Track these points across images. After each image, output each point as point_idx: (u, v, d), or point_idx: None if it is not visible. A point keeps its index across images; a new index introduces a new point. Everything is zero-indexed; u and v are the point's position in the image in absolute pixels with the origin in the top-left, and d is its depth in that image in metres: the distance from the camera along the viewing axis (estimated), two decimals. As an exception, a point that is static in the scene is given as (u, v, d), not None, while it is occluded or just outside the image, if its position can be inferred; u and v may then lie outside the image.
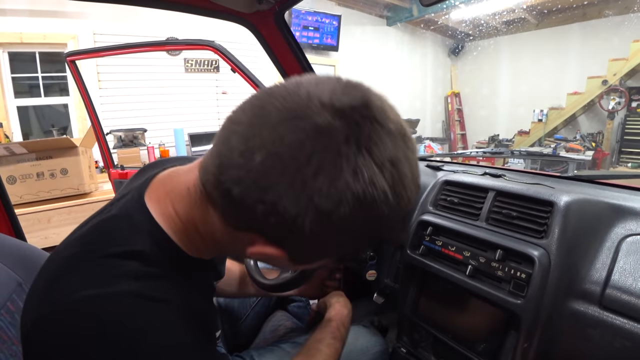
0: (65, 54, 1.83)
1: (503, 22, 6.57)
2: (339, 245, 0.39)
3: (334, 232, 0.36)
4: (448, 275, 0.75)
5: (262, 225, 0.36)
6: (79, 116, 3.30)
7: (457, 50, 7.43)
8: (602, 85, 5.35)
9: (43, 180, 2.28)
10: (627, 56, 5.12)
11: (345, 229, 0.35)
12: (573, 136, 5.86)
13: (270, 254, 0.38)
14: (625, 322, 0.59)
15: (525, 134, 6.22)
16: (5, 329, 0.53)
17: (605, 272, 0.65)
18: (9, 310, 0.55)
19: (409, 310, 0.86)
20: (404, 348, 0.87)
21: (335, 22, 4.87)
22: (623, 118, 5.35)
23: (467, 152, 1.34)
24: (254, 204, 0.34)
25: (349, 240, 0.38)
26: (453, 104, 7.39)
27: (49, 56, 3.23)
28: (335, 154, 0.33)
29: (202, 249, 0.45)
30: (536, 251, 0.64)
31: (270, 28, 1.02)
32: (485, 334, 0.71)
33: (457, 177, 0.87)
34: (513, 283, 0.66)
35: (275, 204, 0.33)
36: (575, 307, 0.64)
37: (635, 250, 0.66)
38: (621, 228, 0.71)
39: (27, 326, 0.37)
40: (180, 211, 0.43)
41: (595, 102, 5.53)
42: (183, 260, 0.44)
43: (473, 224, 0.77)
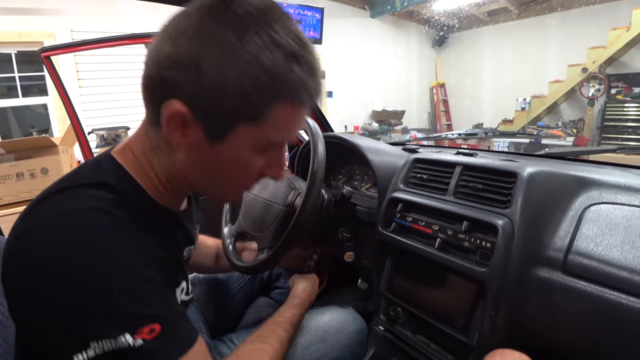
0: (39, 49, 1.79)
1: (486, 12, 6.63)
2: (243, 95, 0.40)
3: (234, 81, 0.40)
4: (419, 249, 0.77)
5: (174, 84, 0.41)
6: (60, 116, 3.25)
7: (441, 42, 7.48)
8: (582, 73, 5.45)
9: (23, 180, 2.23)
10: (605, 44, 5.23)
11: (243, 74, 0.40)
12: (555, 123, 5.97)
13: (181, 111, 0.41)
14: (587, 285, 0.61)
15: (509, 122, 6.31)
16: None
17: (568, 239, 0.67)
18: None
19: (384, 289, 0.87)
20: (382, 326, 0.88)
21: (318, 14, 4.86)
22: (603, 105, 5.46)
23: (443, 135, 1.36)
24: (168, 67, 0.41)
25: (251, 89, 0.40)
26: (438, 94, 7.45)
27: (26, 56, 3.16)
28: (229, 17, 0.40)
29: (157, 183, 0.51)
30: (500, 220, 0.66)
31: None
32: (458, 307, 0.73)
33: (426, 155, 0.88)
34: (479, 253, 0.67)
35: (180, 55, 0.40)
36: (539, 274, 0.66)
37: (597, 217, 0.68)
38: (585, 198, 0.74)
39: (6, 251, 0.42)
40: (135, 149, 0.50)
41: (576, 89, 5.63)
42: (146, 200, 0.50)
43: (441, 198, 0.78)
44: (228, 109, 0.42)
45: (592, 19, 5.53)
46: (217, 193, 0.55)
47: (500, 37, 6.82)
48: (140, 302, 0.41)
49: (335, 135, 1.10)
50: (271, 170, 0.51)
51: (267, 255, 0.77)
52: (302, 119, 0.47)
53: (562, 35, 5.98)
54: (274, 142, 0.47)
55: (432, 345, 0.79)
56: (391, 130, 6.13)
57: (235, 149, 0.45)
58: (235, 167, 0.48)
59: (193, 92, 0.41)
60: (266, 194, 0.88)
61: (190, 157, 0.47)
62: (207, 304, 0.98)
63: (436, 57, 7.66)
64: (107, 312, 0.39)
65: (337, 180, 1.24)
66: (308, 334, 0.77)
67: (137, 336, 0.39)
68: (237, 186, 0.53)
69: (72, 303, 0.38)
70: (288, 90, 0.42)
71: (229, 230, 0.93)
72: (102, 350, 0.37)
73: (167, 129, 0.44)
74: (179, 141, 0.45)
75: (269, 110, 0.42)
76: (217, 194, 0.56)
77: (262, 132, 0.44)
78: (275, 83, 0.41)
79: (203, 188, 0.55)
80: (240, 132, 0.43)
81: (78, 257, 0.39)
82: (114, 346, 0.38)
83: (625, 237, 0.62)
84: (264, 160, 0.49)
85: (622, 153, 1.29)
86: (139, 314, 0.40)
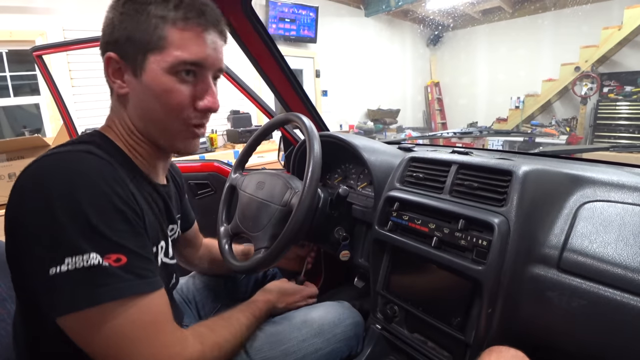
0: (31, 48, 1.77)
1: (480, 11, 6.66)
2: (143, 30, 0.53)
3: (135, 25, 0.53)
4: (415, 248, 0.77)
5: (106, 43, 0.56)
6: (52, 116, 3.21)
7: (436, 41, 7.50)
8: (574, 72, 5.50)
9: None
10: (597, 43, 5.28)
11: (137, 18, 0.53)
12: (549, 122, 6.02)
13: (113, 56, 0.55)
14: (581, 282, 0.62)
15: (503, 121, 6.36)
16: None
17: (563, 237, 0.67)
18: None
19: (380, 287, 0.87)
20: (378, 324, 0.88)
21: (313, 13, 4.85)
22: (595, 103, 5.52)
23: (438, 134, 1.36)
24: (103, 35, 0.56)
25: (147, 24, 0.53)
26: (433, 93, 7.48)
27: (18, 55, 3.12)
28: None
29: (127, 144, 0.60)
30: (496, 218, 0.66)
31: (238, 16, 1.01)
32: (454, 305, 0.73)
33: (422, 153, 0.88)
34: (475, 251, 0.68)
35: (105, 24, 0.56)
36: (535, 272, 0.66)
37: (591, 215, 0.69)
38: (580, 196, 0.74)
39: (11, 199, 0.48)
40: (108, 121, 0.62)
41: (569, 88, 5.68)
42: (128, 162, 0.59)
43: (437, 197, 0.78)
44: (139, 46, 0.54)
45: (584, 18, 5.58)
46: (166, 135, 0.60)
47: (494, 36, 6.86)
48: (112, 229, 0.47)
49: (331, 134, 1.10)
50: (203, 101, 0.58)
51: (264, 255, 0.76)
52: (199, 35, 0.55)
53: (555, 34, 6.04)
54: (182, 59, 0.54)
55: (428, 343, 0.79)
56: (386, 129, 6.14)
57: (154, 76, 0.55)
58: (163, 94, 0.55)
59: (115, 42, 0.55)
60: (262, 193, 0.88)
61: (132, 103, 0.58)
62: (203, 304, 0.98)
63: (431, 56, 7.69)
64: (83, 231, 0.45)
65: (333, 179, 1.24)
66: (304, 328, 0.78)
67: (106, 260, 0.45)
68: (174, 117, 0.58)
69: (54, 219, 0.44)
70: (174, 16, 0.53)
71: (224, 230, 0.92)
72: (74, 266, 0.44)
73: (111, 80, 0.57)
74: (122, 90, 0.57)
75: (165, 35, 0.53)
76: (167, 136, 0.60)
77: (168, 54, 0.54)
78: (162, 15, 0.53)
79: (152, 134, 0.60)
80: (152, 61, 0.54)
81: (65, 180, 0.46)
82: (84, 264, 0.44)
83: (619, 235, 0.63)
84: (190, 89, 0.57)
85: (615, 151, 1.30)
86: (110, 239, 0.46)
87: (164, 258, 0.65)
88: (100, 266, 0.45)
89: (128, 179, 0.54)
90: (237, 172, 1.00)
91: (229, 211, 0.98)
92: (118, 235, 0.48)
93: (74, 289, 0.44)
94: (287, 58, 1.17)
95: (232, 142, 4.03)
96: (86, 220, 0.45)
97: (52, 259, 0.44)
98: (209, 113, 0.61)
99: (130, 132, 0.60)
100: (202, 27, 0.55)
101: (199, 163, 1.60)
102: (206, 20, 0.55)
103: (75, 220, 0.45)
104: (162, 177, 0.69)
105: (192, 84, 0.57)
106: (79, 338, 0.47)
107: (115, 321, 0.46)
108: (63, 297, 0.44)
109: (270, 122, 0.95)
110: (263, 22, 1.08)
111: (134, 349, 0.48)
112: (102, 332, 0.46)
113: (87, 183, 0.47)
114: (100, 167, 0.50)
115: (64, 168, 0.48)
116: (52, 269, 0.43)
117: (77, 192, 0.46)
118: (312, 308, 0.85)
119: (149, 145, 0.62)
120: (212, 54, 0.57)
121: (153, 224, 0.60)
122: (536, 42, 6.30)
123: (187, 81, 0.56)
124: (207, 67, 0.57)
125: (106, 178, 0.49)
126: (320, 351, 0.76)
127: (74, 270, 0.44)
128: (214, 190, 1.55)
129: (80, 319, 0.45)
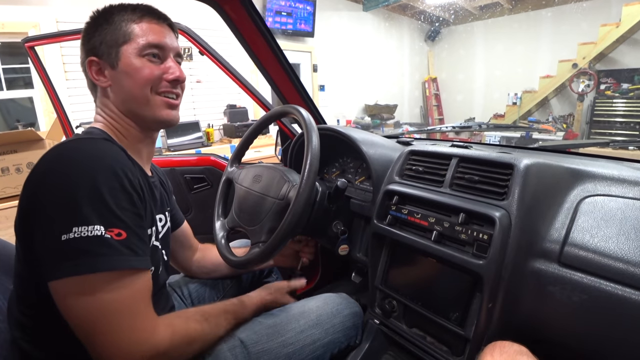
0: (23, 40, 1.73)
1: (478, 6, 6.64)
2: (115, 32, 0.66)
3: (108, 30, 0.66)
4: (414, 242, 0.76)
5: (87, 51, 0.68)
6: (46, 109, 3.16)
7: (433, 36, 7.48)
8: (572, 69, 5.50)
9: (9, 175, 2.18)
10: (595, 40, 5.27)
11: (110, 22, 0.67)
12: (546, 118, 6.02)
13: (94, 59, 0.67)
14: (582, 276, 0.61)
15: (500, 117, 6.36)
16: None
17: (564, 231, 0.67)
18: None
19: (379, 281, 0.87)
20: (377, 319, 0.88)
21: (310, 7, 4.81)
22: (592, 100, 5.52)
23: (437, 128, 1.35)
24: (82, 45, 0.69)
25: (118, 27, 0.66)
26: (430, 89, 7.47)
27: (10, 47, 3.06)
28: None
29: (117, 126, 0.69)
30: (497, 212, 0.66)
31: (234, 6, 0.99)
32: (454, 299, 0.73)
33: (422, 147, 0.87)
34: (476, 245, 0.67)
35: (84, 34, 0.69)
36: (536, 266, 0.66)
37: (592, 209, 0.68)
38: (580, 190, 0.74)
39: (28, 181, 0.56)
40: (96, 116, 0.71)
41: (566, 85, 5.69)
42: (124, 153, 0.65)
43: (437, 190, 0.77)
44: (112, 44, 0.66)
45: (582, 15, 5.58)
46: (145, 108, 0.68)
47: (492, 31, 6.84)
48: (119, 207, 0.54)
49: (329, 127, 1.09)
50: (169, 74, 0.69)
51: (261, 249, 0.75)
52: (154, 27, 0.69)
53: (553, 30, 6.03)
54: (147, 42, 0.67)
55: (427, 338, 0.79)
56: (383, 124, 6.13)
57: (127, 62, 0.66)
58: (136, 72, 0.66)
59: (92, 47, 0.67)
60: (259, 186, 0.86)
61: (114, 91, 0.68)
62: (199, 300, 0.97)
63: (428, 52, 7.66)
64: (94, 204, 0.52)
65: (331, 173, 1.22)
66: (302, 319, 0.77)
67: (108, 232, 0.52)
68: (149, 89, 0.68)
69: (71, 193, 0.51)
70: (133, 17, 0.68)
71: (221, 224, 0.91)
72: (79, 234, 0.50)
73: (94, 79, 0.68)
74: (104, 84, 0.68)
75: (130, 31, 0.67)
76: (147, 109, 0.69)
77: (136, 42, 0.66)
78: (125, 18, 0.67)
79: (135, 110, 0.69)
80: (124, 50, 0.66)
81: (85, 162, 0.54)
82: (89, 233, 0.50)
83: (620, 229, 0.62)
84: (158, 67, 0.68)
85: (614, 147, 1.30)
86: (116, 215, 0.53)
87: (155, 241, 0.70)
88: (102, 237, 0.51)
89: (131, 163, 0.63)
90: (234, 166, 0.98)
91: (225, 205, 0.96)
92: (123, 213, 0.54)
93: (77, 255, 0.50)
94: (284, 52, 1.15)
95: (229, 136, 4.00)
96: (99, 196, 0.52)
97: (63, 226, 0.50)
98: (178, 83, 0.71)
99: (117, 117, 0.69)
100: (155, 21, 0.69)
101: (195, 157, 1.58)
102: (157, 16, 0.70)
103: (90, 195, 0.52)
104: (147, 168, 0.76)
105: (159, 64, 0.69)
106: (63, 303, 0.52)
107: (102, 292, 0.51)
108: (66, 261, 0.50)
109: (267, 115, 0.93)
110: (260, 14, 1.05)
111: (107, 325, 0.52)
112: (86, 301, 0.51)
113: (104, 165, 0.55)
114: (116, 153, 0.59)
115: (85, 151, 0.56)
116: (62, 235, 0.50)
117: (95, 172, 0.53)
118: (310, 299, 0.84)
119: (134, 128, 0.71)
120: (168, 40, 0.70)
121: (149, 209, 0.67)
122: (534, 39, 6.29)
123: (155, 62, 0.68)
124: (167, 49, 0.70)
125: (120, 162, 0.58)
126: (318, 342, 0.75)
127: (79, 238, 0.50)
128: (210, 185, 1.53)
129: (72, 284, 0.51)
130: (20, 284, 0.60)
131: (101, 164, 0.55)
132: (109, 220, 0.52)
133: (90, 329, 0.52)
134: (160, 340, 0.55)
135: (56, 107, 1.91)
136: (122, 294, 0.53)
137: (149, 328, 0.55)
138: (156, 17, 0.70)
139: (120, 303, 0.53)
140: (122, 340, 0.52)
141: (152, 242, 0.68)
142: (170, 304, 0.81)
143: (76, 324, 0.52)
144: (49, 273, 0.51)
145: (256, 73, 4.14)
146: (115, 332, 0.52)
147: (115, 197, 0.54)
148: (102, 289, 0.51)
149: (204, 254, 0.99)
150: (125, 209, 0.55)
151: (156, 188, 0.75)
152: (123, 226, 0.54)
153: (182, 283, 0.98)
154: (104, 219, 0.52)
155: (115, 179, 0.55)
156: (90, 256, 0.50)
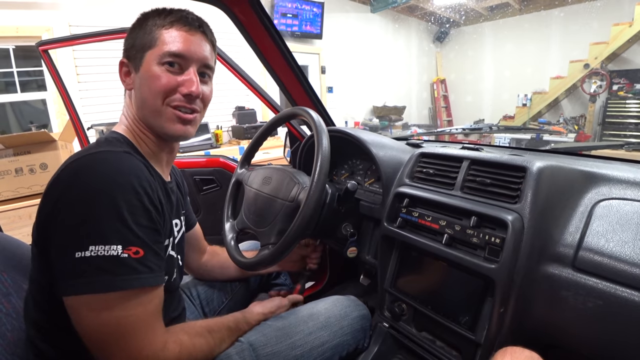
0: (37, 43, 1.77)
1: (487, 7, 6.59)
2: (143, 38, 0.66)
3: (140, 36, 0.67)
4: (425, 245, 0.76)
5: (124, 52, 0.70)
6: (59, 111, 3.22)
7: (441, 37, 7.43)
8: (583, 69, 5.42)
9: (22, 176, 2.22)
10: (607, 40, 5.19)
11: (142, 30, 0.67)
12: (556, 120, 5.94)
13: (124, 61, 0.69)
14: (597, 282, 0.60)
15: (510, 119, 6.29)
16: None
17: (579, 235, 0.65)
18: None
19: (388, 284, 0.86)
20: (385, 322, 0.87)
21: (317, 9, 4.82)
22: (604, 101, 5.43)
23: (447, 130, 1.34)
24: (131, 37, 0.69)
25: (147, 32, 0.66)
26: (439, 90, 7.42)
27: (24, 51, 3.12)
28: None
29: (137, 131, 0.69)
30: (510, 215, 0.65)
31: (244, 8, 1.00)
32: (464, 304, 0.72)
33: (433, 149, 0.87)
34: (488, 249, 0.66)
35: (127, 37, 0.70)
36: (549, 270, 0.65)
37: (607, 213, 0.67)
38: (595, 193, 0.72)
39: (51, 185, 0.56)
40: (121, 118, 0.71)
41: (578, 85, 5.61)
42: (144, 159, 0.66)
43: (448, 193, 0.77)
44: (139, 48, 0.66)
45: (594, 14, 5.49)
46: (156, 117, 0.67)
47: (502, 32, 6.78)
48: (138, 224, 0.54)
49: (338, 129, 1.08)
50: (183, 87, 0.66)
51: (271, 250, 0.75)
52: (182, 35, 0.66)
53: (564, 30, 5.95)
54: (167, 50, 0.64)
55: (437, 342, 0.78)
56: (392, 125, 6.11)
57: (147, 68, 0.65)
58: (152, 80, 0.65)
59: (125, 50, 0.69)
60: (269, 188, 0.87)
61: (135, 95, 0.68)
62: (207, 301, 0.97)
63: (437, 53, 7.62)
64: (113, 223, 0.52)
65: (340, 175, 1.22)
66: (310, 321, 0.77)
67: (126, 251, 0.52)
68: (161, 100, 0.66)
69: (91, 210, 0.51)
70: (164, 22, 0.66)
71: (230, 225, 0.91)
72: (96, 253, 0.50)
73: (122, 79, 0.70)
74: (128, 86, 0.69)
75: (157, 37, 0.65)
76: (157, 119, 0.67)
77: (159, 49, 0.65)
78: (155, 23, 0.66)
79: (147, 118, 0.68)
80: (148, 55, 0.65)
81: (107, 178, 0.54)
82: (106, 253, 0.50)
83: (637, 233, 0.61)
84: (175, 78, 0.65)
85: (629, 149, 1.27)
86: (135, 233, 0.53)
87: (170, 251, 0.70)
88: (119, 257, 0.51)
89: (151, 175, 0.62)
90: (243, 168, 0.99)
91: (234, 207, 0.97)
92: (141, 230, 0.55)
93: (94, 273, 0.50)
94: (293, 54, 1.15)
95: (237, 138, 4.02)
96: (119, 214, 0.52)
97: (81, 244, 0.50)
98: (192, 99, 0.67)
99: (136, 122, 0.69)
100: (185, 28, 0.67)
101: (204, 159, 1.59)
102: (189, 24, 0.67)
103: (109, 212, 0.52)
104: (166, 173, 0.75)
105: (177, 74, 0.66)
106: (77, 318, 0.52)
107: (116, 310, 0.52)
108: (82, 278, 0.50)
109: (277, 117, 0.93)
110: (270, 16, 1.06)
111: (120, 340, 0.53)
112: (100, 317, 0.51)
113: (124, 182, 0.55)
114: (136, 168, 0.58)
115: (105, 166, 0.56)
116: (79, 252, 0.50)
117: (115, 189, 0.53)
118: (318, 301, 0.84)
119: (151, 133, 0.69)
120: (194, 49, 0.66)
121: (167, 220, 0.66)
122: (544, 39, 6.22)
123: (173, 72, 0.66)
124: (189, 60, 0.66)
125: (140, 178, 0.57)
126: (326, 344, 0.75)
127: (97, 256, 0.50)
128: (219, 186, 1.54)
129: (88, 301, 0.51)
130: (36, 289, 0.61)
131: (121, 180, 0.55)
132: (127, 238, 0.52)
133: (103, 343, 0.53)
134: (168, 355, 0.57)
135: (68, 109, 1.94)
136: (137, 311, 0.54)
137: (159, 344, 0.56)
138: (188, 24, 0.67)
139: (134, 320, 0.53)
140: (133, 356, 0.53)
141: (168, 252, 0.68)
142: (182, 305, 0.81)
143: (89, 338, 0.53)
144: (63, 288, 0.51)
145: (264, 75, 4.15)
146: (128, 348, 0.53)
147: (134, 214, 0.54)
148: (116, 306, 0.52)
149: (212, 256, 0.99)
150: (144, 226, 0.55)
151: (173, 193, 0.75)
152: (140, 244, 0.54)
153: (190, 285, 0.98)
154: (122, 237, 0.52)
155: (135, 197, 0.55)
156: (107, 275, 0.51)
